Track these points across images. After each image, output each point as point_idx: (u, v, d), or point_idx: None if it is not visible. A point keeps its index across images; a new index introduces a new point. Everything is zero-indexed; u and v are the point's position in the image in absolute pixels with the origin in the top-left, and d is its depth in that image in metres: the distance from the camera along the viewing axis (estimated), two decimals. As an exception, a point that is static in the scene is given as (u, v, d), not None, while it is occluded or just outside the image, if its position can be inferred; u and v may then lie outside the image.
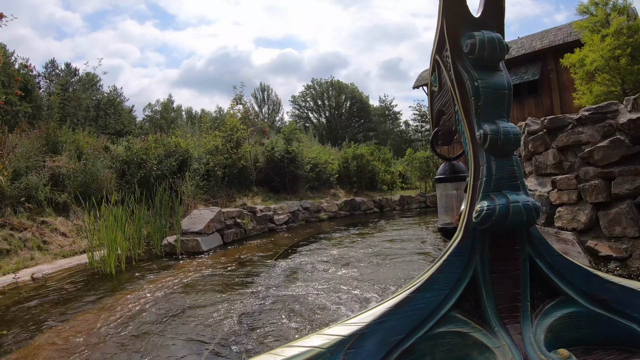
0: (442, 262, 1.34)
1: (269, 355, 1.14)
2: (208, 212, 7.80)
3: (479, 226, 1.32)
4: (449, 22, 1.44)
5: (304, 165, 12.90)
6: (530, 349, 1.23)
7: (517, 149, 1.42)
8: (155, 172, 10.14)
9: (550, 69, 17.28)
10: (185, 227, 7.47)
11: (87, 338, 3.38)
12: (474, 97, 1.38)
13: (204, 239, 7.30)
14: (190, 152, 10.39)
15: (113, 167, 10.40)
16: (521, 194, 1.33)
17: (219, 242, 7.77)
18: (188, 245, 7.20)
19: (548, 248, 1.42)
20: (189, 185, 9.19)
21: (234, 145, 10.89)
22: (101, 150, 10.83)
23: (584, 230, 4.92)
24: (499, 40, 1.38)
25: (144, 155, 10.39)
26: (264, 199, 11.26)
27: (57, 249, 7.92)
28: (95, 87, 40.76)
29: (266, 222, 9.66)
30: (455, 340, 1.27)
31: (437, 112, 1.85)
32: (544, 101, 17.66)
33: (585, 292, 1.38)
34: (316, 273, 5.36)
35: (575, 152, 5.17)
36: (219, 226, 7.88)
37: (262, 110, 48.09)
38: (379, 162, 16.17)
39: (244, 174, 11.94)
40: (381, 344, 1.18)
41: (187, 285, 5.01)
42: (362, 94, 49.22)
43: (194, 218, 7.68)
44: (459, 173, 1.98)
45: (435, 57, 1.62)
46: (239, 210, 8.73)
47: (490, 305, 1.31)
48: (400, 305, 1.25)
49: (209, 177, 10.40)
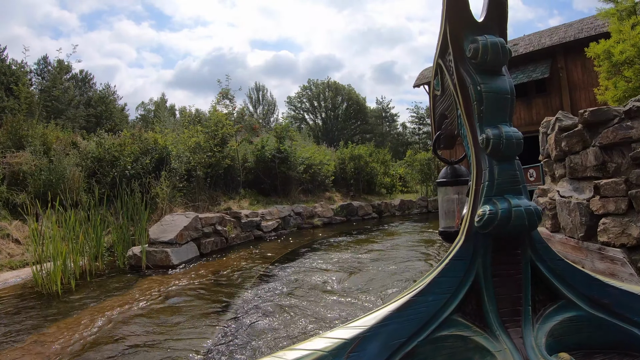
0: (444, 265, 1.34)
1: (271, 357, 1.11)
2: (182, 219, 6.71)
3: (481, 230, 1.32)
4: (452, 27, 1.43)
5: (297, 166, 11.80)
6: (532, 352, 1.22)
7: (519, 153, 1.38)
8: (130, 172, 9.06)
9: (560, 67, 16.33)
10: (154, 235, 6.38)
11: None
12: (477, 102, 1.39)
13: (175, 251, 6.21)
14: (169, 150, 9.30)
15: (83, 165, 9.33)
16: (523, 198, 1.33)
17: (195, 254, 6.67)
18: (156, 257, 6.11)
19: (549, 252, 1.41)
20: (164, 186, 8.10)
21: (218, 143, 9.78)
22: (69, 146, 9.73)
23: (636, 247, 3.94)
24: (501, 44, 1.38)
25: (117, 153, 9.30)
26: (251, 202, 10.16)
27: (6, 259, 6.80)
28: (89, 84, 40.49)
29: (252, 228, 8.57)
30: (456, 343, 1.25)
31: (440, 116, 1.84)
32: (553, 101, 16.70)
33: (586, 296, 1.38)
34: (307, 303, 4.29)
35: (623, 152, 4.23)
36: (195, 234, 6.79)
37: (256, 110, 47.29)
38: (377, 163, 15.12)
39: (230, 174, 10.86)
40: (383, 347, 1.17)
41: (137, 317, 3.92)
42: (358, 96, 48.42)
43: (165, 225, 6.58)
44: (461, 177, 1.90)
45: (438, 61, 1.61)
46: (220, 216, 7.64)
47: (491, 309, 1.31)
48: (402, 309, 1.24)
49: (190, 178, 9.31)
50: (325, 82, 48.47)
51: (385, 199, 14.62)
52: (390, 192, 15.51)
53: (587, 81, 15.88)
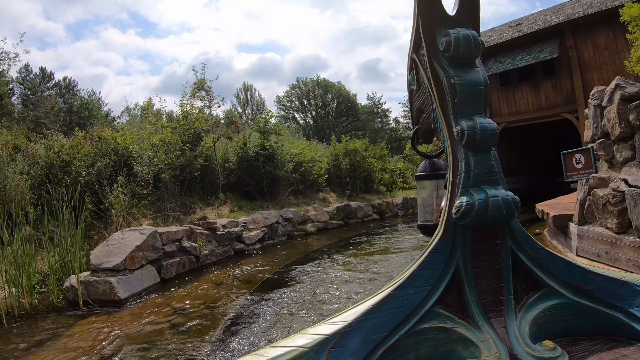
0: (424, 258, 1.33)
1: (252, 356, 1.09)
2: (134, 236, 5.20)
3: (459, 221, 1.32)
4: (424, 21, 1.43)
5: (285, 164, 10.28)
6: (515, 341, 1.22)
7: (494, 144, 1.38)
8: (84, 178, 7.53)
9: (569, 47, 14.99)
10: (96, 260, 4.87)
11: None
12: (451, 94, 1.38)
13: (124, 280, 4.70)
14: (130, 150, 7.77)
15: (31, 172, 7.80)
16: (500, 189, 1.33)
17: (152, 281, 5.15)
18: (98, 289, 4.61)
19: (530, 241, 1.42)
20: (120, 194, 6.58)
21: (189, 140, 8.24)
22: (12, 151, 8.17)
23: None
24: (474, 37, 1.38)
25: (67, 157, 7.75)
26: (232, 208, 8.65)
27: None
28: (73, 91, 39.48)
29: (231, 241, 7.05)
30: (439, 335, 1.26)
31: (417, 111, 1.84)
32: (563, 83, 15.37)
33: (569, 283, 1.38)
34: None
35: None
36: (154, 255, 5.28)
37: (245, 111, 45.99)
38: (374, 159, 13.67)
39: (208, 177, 9.34)
40: (364, 342, 1.17)
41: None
42: (349, 93, 47.35)
43: (111, 246, 5.07)
44: (439, 171, 1.87)
45: (413, 56, 1.61)
46: (188, 229, 6.12)
47: (473, 300, 1.30)
48: (382, 303, 1.23)
49: (158, 183, 7.78)
50: (314, 79, 47.66)
51: (385, 197, 13.18)
52: (391, 190, 14.06)
53: (599, 60, 14.60)
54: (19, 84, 35.33)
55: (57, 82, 40.00)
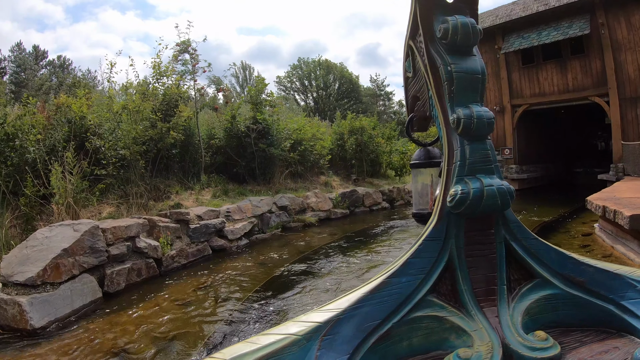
0: (418, 246, 1.30)
1: (244, 343, 1.04)
2: (66, 233, 3.71)
3: (453, 210, 1.28)
4: (422, 7, 1.39)
5: (282, 142, 8.73)
6: (508, 331, 1.19)
7: (490, 132, 1.34)
8: (31, 155, 6.08)
9: (601, 24, 13.37)
10: (7, 270, 3.40)
11: None
12: (447, 82, 1.34)
13: (41, 300, 3.24)
14: (88, 120, 6.24)
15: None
16: (495, 178, 1.30)
17: (90, 297, 3.68)
18: (7, 313, 3.16)
19: (523, 231, 1.37)
20: (58, 174, 5.11)
21: (162, 107, 6.69)
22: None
23: None
24: (472, 25, 1.33)
25: (11, 129, 6.24)
26: (215, 193, 7.16)
27: None
28: (67, 70, 38.23)
29: (209, 236, 5.57)
30: (432, 324, 1.22)
31: (412, 98, 1.77)
32: (593, 63, 13.81)
33: (561, 274, 1.35)
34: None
35: None
36: (93, 261, 3.81)
37: (244, 91, 44.43)
38: (383, 139, 12.14)
39: (191, 156, 7.84)
40: (357, 329, 1.14)
41: None
42: (351, 74, 45.89)
43: (30, 249, 3.58)
44: (434, 158, 1.83)
45: (409, 43, 1.58)
46: (146, 223, 4.64)
47: (466, 289, 1.26)
48: (375, 291, 1.20)
49: (123, 161, 6.27)
50: (316, 60, 45.89)
51: (395, 183, 11.70)
52: (400, 175, 12.55)
53: (634, 40, 13.02)
54: (12, 62, 34.29)
55: (51, 61, 38.47)
